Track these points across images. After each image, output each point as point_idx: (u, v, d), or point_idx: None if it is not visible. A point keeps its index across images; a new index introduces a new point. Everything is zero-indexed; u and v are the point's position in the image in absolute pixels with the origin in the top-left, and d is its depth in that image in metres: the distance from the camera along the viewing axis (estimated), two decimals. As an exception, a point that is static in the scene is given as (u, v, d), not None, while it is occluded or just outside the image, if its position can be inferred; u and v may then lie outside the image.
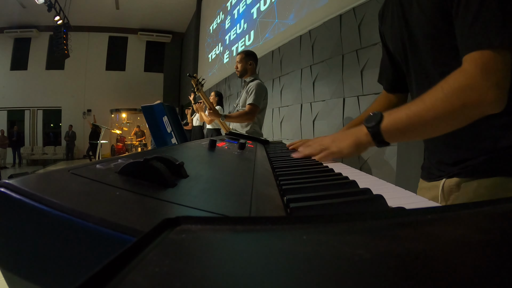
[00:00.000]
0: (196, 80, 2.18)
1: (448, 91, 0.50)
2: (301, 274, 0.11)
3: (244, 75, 2.15)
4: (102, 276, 0.11)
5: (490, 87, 0.47)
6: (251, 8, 4.74)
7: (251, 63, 2.14)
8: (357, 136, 0.61)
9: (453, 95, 0.49)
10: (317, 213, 0.28)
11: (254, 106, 1.99)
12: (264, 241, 0.15)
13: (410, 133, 0.56)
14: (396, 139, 0.58)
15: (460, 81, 0.49)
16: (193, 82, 2.19)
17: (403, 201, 0.35)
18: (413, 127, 0.54)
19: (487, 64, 0.47)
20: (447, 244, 0.14)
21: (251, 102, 1.99)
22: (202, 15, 8.83)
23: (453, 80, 0.50)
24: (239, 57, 2.16)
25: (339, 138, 0.66)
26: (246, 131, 2.05)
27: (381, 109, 0.87)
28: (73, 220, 0.19)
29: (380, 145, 0.59)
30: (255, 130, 2.08)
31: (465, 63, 0.50)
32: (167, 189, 0.26)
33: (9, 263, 0.21)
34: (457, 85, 0.49)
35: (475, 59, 0.49)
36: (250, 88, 2.04)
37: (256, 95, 1.99)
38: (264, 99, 2.08)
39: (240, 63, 2.14)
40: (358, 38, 2.26)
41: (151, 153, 0.38)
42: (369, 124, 0.58)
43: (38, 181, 0.24)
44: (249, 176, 0.38)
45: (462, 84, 0.49)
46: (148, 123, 1.69)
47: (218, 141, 0.71)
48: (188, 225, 0.16)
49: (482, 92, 0.47)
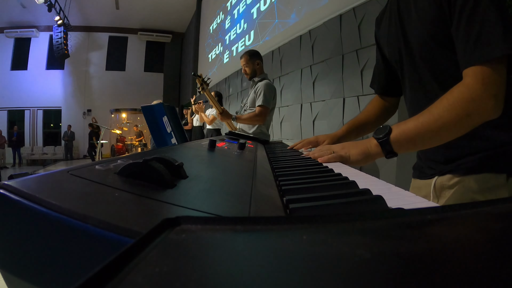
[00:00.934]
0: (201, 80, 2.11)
1: (453, 102, 0.55)
2: (302, 274, 0.11)
3: (254, 76, 2.07)
4: (102, 276, 0.11)
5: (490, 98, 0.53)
6: (251, 8, 4.74)
7: (258, 63, 2.07)
8: (366, 147, 0.64)
9: (458, 106, 0.55)
10: (317, 214, 0.28)
11: (264, 107, 1.92)
12: (264, 241, 0.15)
13: (418, 143, 0.60)
14: (404, 149, 0.61)
15: (464, 94, 0.55)
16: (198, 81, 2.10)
17: (403, 202, 0.35)
18: (421, 137, 0.58)
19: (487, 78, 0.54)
20: (447, 244, 0.14)
21: (261, 104, 1.92)
22: (202, 15, 8.84)
23: (457, 93, 0.56)
24: (244, 60, 2.07)
25: (349, 145, 0.68)
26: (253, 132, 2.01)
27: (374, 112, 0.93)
28: (72, 221, 0.19)
29: (388, 156, 0.62)
30: (262, 131, 2.03)
31: (467, 77, 0.56)
32: (166, 190, 0.26)
33: (9, 264, 0.21)
34: (462, 97, 0.55)
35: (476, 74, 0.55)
36: (259, 89, 1.97)
37: (265, 96, 1.92)
38: (274, 99, 2.01)
39: (247, 65, 2.06)
40: (358, 38, 2.26)
41: (151, 153, 0.38)
42: (379, 135, 0.62)
43: (37, 182, 0.24)
44: (248, 176, 0.38)
45: (466, 96, 0.54)
46: (148, 123, 1.69)
47: (218, 141, 0.71)
48: (188, 225, 0.16)
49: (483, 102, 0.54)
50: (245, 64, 2.07)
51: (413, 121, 0.59)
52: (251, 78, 2.10)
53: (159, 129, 1.64)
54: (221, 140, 0.85)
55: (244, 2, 5.13)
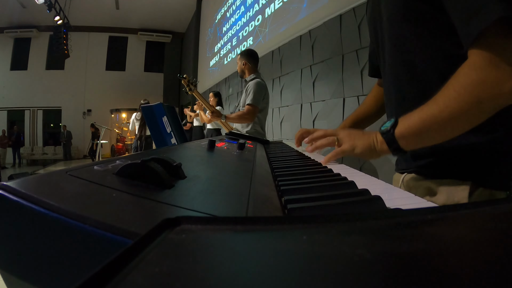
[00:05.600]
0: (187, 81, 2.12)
1: (460, 88, 0.47)
2: (302, 274, 0.11)
3: (242, 76, 2.13)
4: (102, 276, 0.11)
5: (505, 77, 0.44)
6: (251, 8, 4.74)
7: (245, 63, 2.10)
8: (372, 140, 0.58)
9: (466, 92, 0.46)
10: (315, 214, 0.28)
11: (253, 106, 1.94)
12: (264, 241, 0.15)
13: (426, 137, 0.52)
14: (412, 145, 0.54)
15: (471, 76, 0.46)
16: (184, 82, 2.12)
17: (402, 202, 0.35)
18: (428, 130, 0.50)
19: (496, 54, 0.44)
20: (447, 244, 0.14)
21: (249, 103, 1.94)
22: (202, 15, 8.83)
23: (463, 76, 0.47)
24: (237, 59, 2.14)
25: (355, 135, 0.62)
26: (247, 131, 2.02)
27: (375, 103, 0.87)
28: (70, 222, 0.19)
29: (396, 153, 0.56)
30: (256, 130, 2.04)
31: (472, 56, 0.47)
32: (164, 190, 0.26)
33: (9, 264, 0.21)
34: (469, 81, 0.46)
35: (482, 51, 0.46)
36: (248, 88, 2.00)
37: (254, 95, 1.94)
38: (264, 98, 2.03)
39: (238, 64, 2.13)
40: (358, 38, 2.26)
41: (149, 154, 0.38)
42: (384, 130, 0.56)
43: (36, 183, 0.24)
44: (247, 176, 0.38)
45: (473, 79, 0.46)
46: (148, 123, 1.69)
47: (217, 141, 0.71)
48: (188, 225, 0.16)
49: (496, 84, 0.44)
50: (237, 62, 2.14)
51: (418, 112, 0.52)
52: (240, 77, 2.16)
53: (159, 129, 1.64)
54: (220, 140, 0.85)
55: (244, 2, 5.13)
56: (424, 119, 0.50)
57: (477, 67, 0.46)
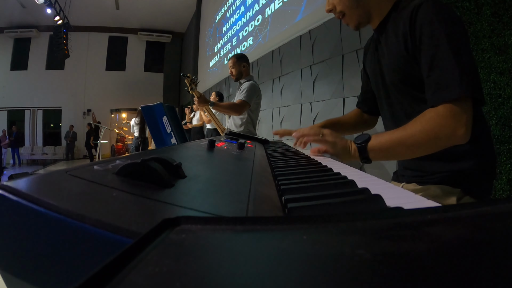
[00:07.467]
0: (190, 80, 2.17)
1: (425, 125, 0.62)
2: (302, 274, 0.11)
3: (240, 78, 2.18)
4: (102, 276, 0.11)
5: (459, 126, 0.60)
6: (251, 8, 4.74)
7: (244, 65, 2.16)
8: (348, 145, 0.71)
9: (429, 129, 0.62)
10: (316, 213, 0.28)
11: (245, 102, 2.01)
12: (265, 241, 0.15)
13: (391, 154, 0.69)
14: (378, 157, 0.69)
15: (436, 120, 0.62)
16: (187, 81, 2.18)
17: (402, 201, 0.35)
18: (393, 149, 0.66)
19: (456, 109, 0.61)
20: (447, 244, 0.14)
21: (242, 98, 2.01)
22: (202, 15, 8.83)
23: (429, 118, 0.63)
24: (231, 62, 2.18)
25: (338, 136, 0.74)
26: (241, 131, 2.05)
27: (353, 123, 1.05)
28: (70, 221, 0.19)
29: (363, 161, 0.70)
30: (249, 129, 2.11)
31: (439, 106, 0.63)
32: (165, 190, 0.26)
33: (9, 264, 0.21)
34: (433, 122, 0.62)
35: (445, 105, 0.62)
36: (243, 87, 2.07)
37: (247, 93, 2.02)
38: (257, 98, 2.10)
39: (234, 67, 2.16)
40: (358, 38, 2.26)
41: (149, 153, 0.38)
42: (358, 141, 0.69)
43: (36, 183, 0.24)
44: (247, 176, 0.38)
45: (437, 122, 0.62)
46: (148, 123, 1.69)
47: (217, 141, 0.71)
48: (188, 225, 0.16)
49: (452, 129, 0.60)
50: (232, 66, 2.18)
51: (389, 134, 0.68)
52: (237, 80, 2.20)
53: (159, 129, 1.64)
54: (220, 140, 0.85)
55: (244, 2, 5.13)
56: (393, 140, 0.66)
57: (440, 114, 0.62)
